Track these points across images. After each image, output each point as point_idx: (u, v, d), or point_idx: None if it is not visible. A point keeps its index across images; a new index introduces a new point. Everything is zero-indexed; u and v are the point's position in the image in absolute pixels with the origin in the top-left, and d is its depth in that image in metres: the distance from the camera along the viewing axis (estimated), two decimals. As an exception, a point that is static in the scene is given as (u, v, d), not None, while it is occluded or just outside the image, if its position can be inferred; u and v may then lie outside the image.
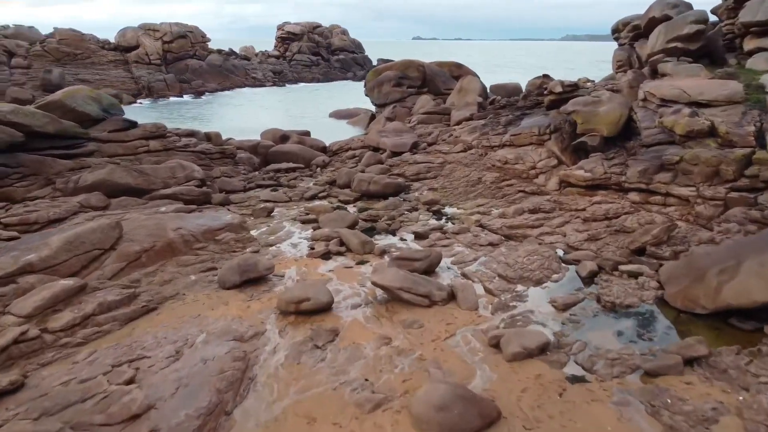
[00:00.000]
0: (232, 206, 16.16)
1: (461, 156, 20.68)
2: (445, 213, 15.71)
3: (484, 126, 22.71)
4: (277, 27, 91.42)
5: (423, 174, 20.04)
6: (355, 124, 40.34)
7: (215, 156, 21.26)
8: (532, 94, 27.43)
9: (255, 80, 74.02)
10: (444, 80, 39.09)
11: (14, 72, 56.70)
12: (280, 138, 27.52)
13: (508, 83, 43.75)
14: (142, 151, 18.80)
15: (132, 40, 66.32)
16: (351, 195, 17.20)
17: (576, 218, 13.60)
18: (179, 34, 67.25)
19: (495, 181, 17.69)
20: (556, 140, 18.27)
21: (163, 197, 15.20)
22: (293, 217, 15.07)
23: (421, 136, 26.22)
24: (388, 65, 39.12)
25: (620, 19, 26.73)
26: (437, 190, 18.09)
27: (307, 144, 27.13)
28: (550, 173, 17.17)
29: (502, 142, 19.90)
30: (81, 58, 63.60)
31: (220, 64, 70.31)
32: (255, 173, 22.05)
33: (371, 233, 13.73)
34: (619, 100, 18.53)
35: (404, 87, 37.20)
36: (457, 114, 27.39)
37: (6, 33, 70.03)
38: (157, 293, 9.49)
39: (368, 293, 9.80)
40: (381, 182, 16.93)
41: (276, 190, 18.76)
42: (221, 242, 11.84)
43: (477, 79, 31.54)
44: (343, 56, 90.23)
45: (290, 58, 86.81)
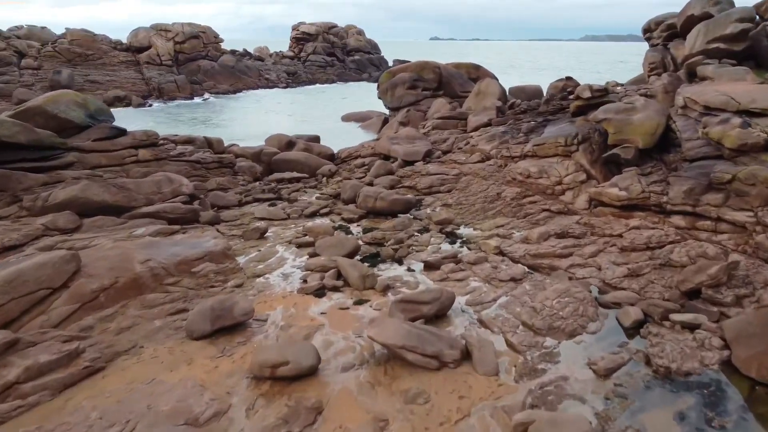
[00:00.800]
0: (223, 225, 14.51)
1: (478, 167, 18.86)
2: (459, 235, 13.92)
3: (504, 134, 20.87)
4: (292, 27, 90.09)
5: (436, 187, 18.25)
6: (367, 128, 38.66)
7: (212, 166, 19.67)
8: (555, 98, 25.50)
9: (268, 81, 72.66)
10: (461, 82, 37.27)
11: (24, 73, 55.88)
12: (285, 144, 25.89)
13: (528, 85, 41.78)
14: (130, 162, 17.25)
15: (144, 40, 65.29)
16: (355, 212, 15.48)
17: (611, 246, 11.74)
18: (191, 34, 66.06)
19: (516, 198, 15.85)
20: (584, 152, 16.39)
21: (144, 216, 13.59)
22: (289, 240, 13.38)
23: (436, 143, 24.45)
24: (403, 67, 37.36)
25: (652, 18, 24.71)
26: (451, 207, 16.30)
27: (314, 151, 25.48)
28: (579, 189, 15.29)
29: (523, 152, 18.05)
30: (92, 58, 62.66)
31: (233, 65, 69.02)
32: (256, 184, 20.44)
33: (375, 261, 12.00)
34: (655, 108, 16.60)
35: (419, 89, 35.44)
36: (474, 119, 25.59)
37: (18, 33, 69.52)
38: (109, 346, 7.85)
39: (364, 347, 8.07)
40: (388, 198, 15.18)
41: (274, 204, 17.10)
42: (198, 275, 10.18)
43: (496, 82, 29.67)
44: (359, 57, 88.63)
45: (305, 58, 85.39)
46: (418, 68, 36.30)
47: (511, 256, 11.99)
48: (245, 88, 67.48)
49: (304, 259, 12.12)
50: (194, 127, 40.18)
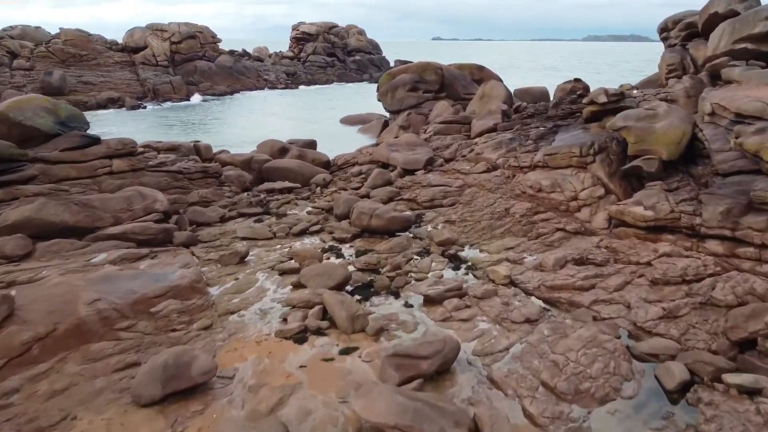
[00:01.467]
0: (200, 246, 12.98)
1: (484, 178, 17.31)
2: (464, 258, 12.38)
3: (511, 141, 19.33)
4: (292, 27, 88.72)
5: (438, 200, 16.71)
6: (366, 132, 37.13)
7: (196, 176, 18.16)
8: (564, 102, 23.96)
9: (267, 82, 71.21)
10: (464, 84, 35.75)
11: (15, 74, 54.50)
12: (278, 151, 24.39)
13: (533, 87, 40.27)
14: (103, 173, 15.75)
15: (140, 40, 63.94)
16: (349, 230, 13.93)
17: (639, 277, 10.18)
18: (188, 34, 64.64)
19: (526, 214, 14.30)
20: (601, 163, 14.83)
21: (109, 238, 12.08)
22: (272, 265, 11.85)
23: (438, 150, 22.93)
24: (403, 68, 35.84)
25: (669, 17, 23.14)
26: (455, 224, 14.75)
27: (308, 158, 23.96)
28: (596, 206, 13.74)
29: (533, 162, 16.51)
30: (87, 59, 61.30)
31: (231, 65, 67.58)
32: (244, 195, 18.93)
33: (368, 293, 10.46)
34: (679, 114, 15.05)
35: (420, 92, 33.93)
36: (478, 124, 24.07)
37: (12, 33, 68.13)
38: (32, 420, 6.34)
39: (349, 419, 6.55)
40: (385, 216, 13.62)
41: (260, 220, 15.57)
42: (158, 316, 8.67)
43: (501, 85, 28.13)
44: (360, 57, 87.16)
45: (304, 59, 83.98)
46: (419, 69, 34.79)
47: (525, 288, 10.45)
48: (243, 89, 66.07)
49: (287, 290, 10.59)
50: (187, 130, 38.72)
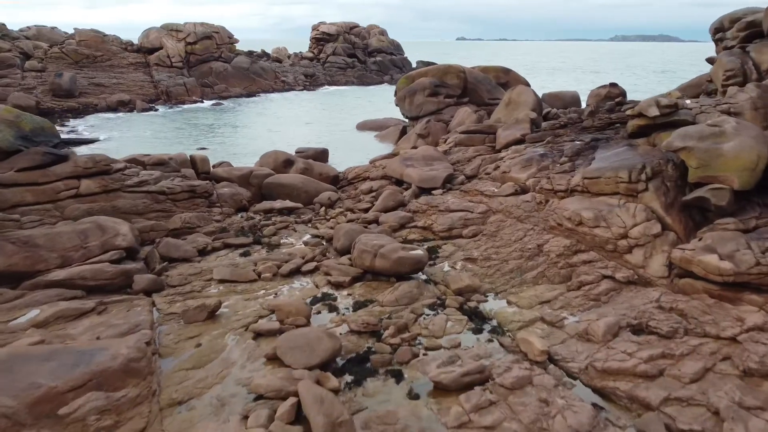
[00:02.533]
0: (164, 294, 10.69)
1: (512, 202, 14.79)
2: (487, 315, 9.92)
3: (543, 157, 16.77)
4: (312, 27, 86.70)
5: (458, 229, 14.25)
6: (383, 139, 34.76)
7: (181, 197, 15.93)
8: (601, 110, 21.31)
9: (284, 84, 69.22)
10: (488, 88, 33.20)
11: (27, 75, 53.14)
12: (282, 164, 22.11)
13: (564, 92, 37.55)
14: (67, 197, 13.58)
15: (155, 41, 62.37)
16: (348, 272, 11.55)
17: (723, 360, 7.63)
18: (204, 34, 62.90)
19: (564, 254, 11.76)
20: (656, 192, 12.22)
21: (51, 285, 9.88)
22: (247, 323, 9.52)
23: (458, 165, 20.51)
24: (423, 71, 33.37)
25: (725, 15, 20.34)
26: (477, 262, 12.27)
27: (314, 172, 21.66)
28: (652, 247, 11.14)
29: (570, 185, 13.95)
30: (101, 60, 59.89)
31: (247, 66, 65.72)
32: (237, 217, 16.69)
33: (361, 372, 8.06)
34: (751, 132, 12.38)
35: (441, 96, 31.46)
36: (504, 134, 21.58)
37: (27, 34, 67.14)
38: None
39: None
40: (392, 257, 11.19)
41: (247, 253, 13.25)
42: (69, 420, 6.40)
43: (530, 90, 25.52)
44: (381, 58, 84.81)
45: (324, 60, 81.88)
46: (440, 73, 32.31)
47: (568, 369, 7.96)
48: (260, 91, 64.11)
49: (258, 363, 8.25)
50: (194, 136, 36.74)
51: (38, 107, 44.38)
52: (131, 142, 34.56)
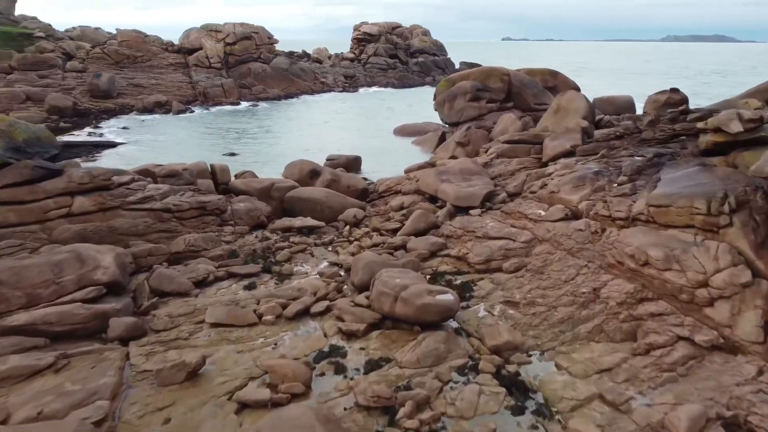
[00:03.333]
0: (144, 342, 9.05)
1: (561, 230, 12.69)
2: (531, 386, 7.94)
3: (597, 175, 14.58)
4: (354, 27, 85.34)
5: (497, 261, 12.26)
6: (421, 146, 32.81)
7: (189, 215, 14.39)
8: (663, 119, 18.95)
9: (324, 85, 67.93)
10: (535, 93, 30.95)
11: (68, 76, 53.18)
12: (308, 174, 20.44)
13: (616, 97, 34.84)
14: (57, 216, 12.16)
15: (195, 41, 61.90)
16: (363, 317, 9.71)
17: None
18: (243, 35, 62.10)
19: (626, 302, 9.66)
20: (743, 228, 9.97)
21: (8, 332, 8.35)
22: (232, 389, 7.78)
23: (500, 178, 18.53)
24: (464, 74, 31.32)
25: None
26: (519, 308, 10.28)
27: (341, 184, 19.91)
28: (741, 300, 8.93)
29: (631, 213, 11.78)
30: (141, 60, 59.69)
31: (286, 67, 64.66)
32: (250, 237, 15.07)
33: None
34: None
35: (483, 101, 29.37)
36: (552, 145, 19.46)
37: (72, 34, 67.71)
38: None
39: None
40: (415, 302, 9.30)
41: (252, 285, 11.56)
42: None
43: (582, 96, 23.19)
44: (423, 59, 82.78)
45: (365, 60, 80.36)
46: (482, 75, 30.21)
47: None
48: (298, 93, 62.93)
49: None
50: (224, 140, 35.53)
51: (75, 108, 44.12)
52: (159, 145, 33.57)
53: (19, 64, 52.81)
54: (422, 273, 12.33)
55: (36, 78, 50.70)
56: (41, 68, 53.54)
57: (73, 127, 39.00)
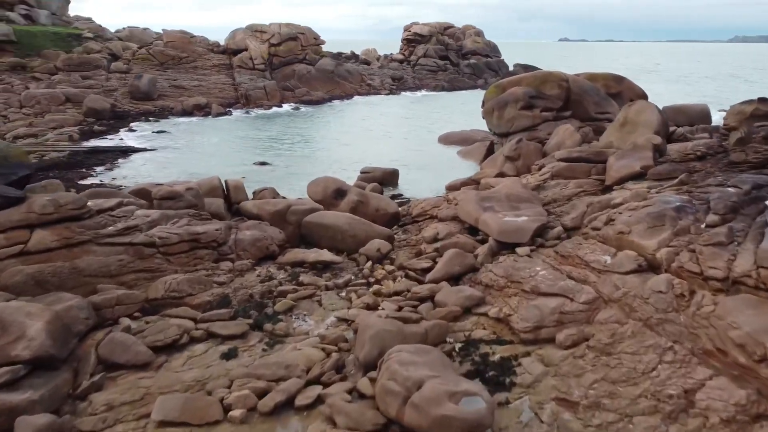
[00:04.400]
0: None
1: (634, 288, 9.74)
2: None
3: (680, 211, 11.48)
4: (404, 28, 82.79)
5: (549, 329, 9.46)
6: (467, 157, 29.99)
7: (177, 249, 12.12)
8: (755, 137, 15.73)
9: (370, 87, 65.66)
10: (596, 101, 27.67)
11: (111, 77, 52.61)
12: (332, 194, 17.96)
13: (689, 105, 31.20)
14: (7, 256, 10.03)
15: (241, 42, 60.65)
16: (362, 422, 7.11)
17: None
18: (288, 35, 60.44)
19: (734, 421, 6.74)
20: None
21: None
22: None
23: (555, 204, 15.80)
24: (516, 78, 28.31)
25: None
26: (577, 410, 7.48)
27: (370, 207, 17.37)
28: None
29: (732, 272, 8.77)
30: (185, 61, 58.84)
31: (332, 69, 62.65)
32: (252, 274, 12.71)
33: None
34: None
35: (537, 110, 26.31)
36: (618, 165, 16.56)
37: (120, 35, 67.64)
38: None
39: None
40: (431, 412, 6.59)
41: (233, 353, 9.11)
42: None
43: (653, 107, 19.95)
44: (475, 60, 79.49)
45: (414, 62, 77.69)
46: (537, 81, 27.13)
47: None
48: (343, 95, 60.84)
49: None
50: (256, 147, 33.54)
51: (113, 110, 43.17)
52: (189, 151, 31.86)
53: (64, 64, 52.57)
54: (451, 340, 9.65)
55: (79, 79, 50.26)
56: (86, 69, 53.16)
57: (107, 130, 37.86)
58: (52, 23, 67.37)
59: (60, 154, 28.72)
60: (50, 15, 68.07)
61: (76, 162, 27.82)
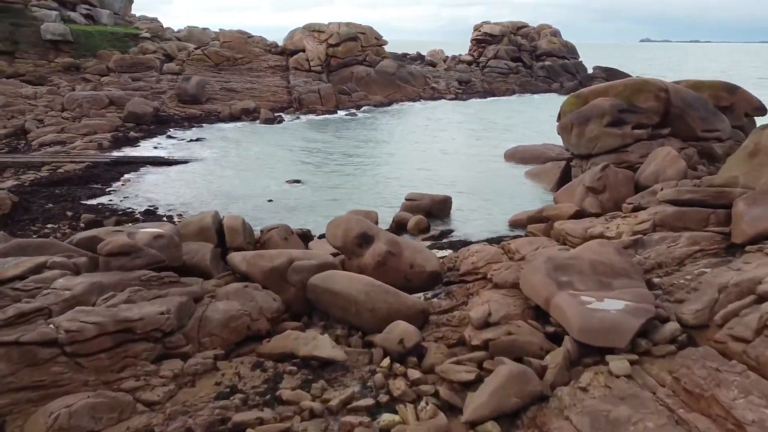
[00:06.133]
0: None
1: None
2: None
3: None
4: (474, 27, 77.70)
5: None
6: (537, 180, 25.11)
7: (94, 347, 8.19)
8: None
9: (434, 91, 61.15)
10: (703, 115, 22.30)
11: (163, 78, 50.52)
12: (355, 241, 13.66)
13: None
14: None
15: (299, 43, 57.54)
16: None
17: None
18: (348, 35, 56.84)
19: None
20: None
21: None
22: None
23: (659, 272, 11.26)
24: (602, 88, 23.25)
25: None
26: None
27: (402, 263, 13.02)
28: None
29: None
30: (241, 62, 56.21)
31: (393, 71, 58.56)
32: (205, 383, 8.67)
33: None
34: None
35: (628, 127, 21.27)
36: (753, 214, 11.90)
37: (179, 35, 66.13)
38: None
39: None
40: None
41: None
42: None
43: (799, 132, 14.66)
44: (550, 62, 73.43)
45: (484, 64, 72.53)
46: (628, 91, 22.00)
47: None
48: (404, 99, 56.65)
49: None
50: (297, 160, 29.78)
51: (156, 114, 40.70)
52: (223, 164, 28.49)
53: (116, 65, 50.92)
54: None
55: (129, 81, 48.37)
56: (138, 70, 51.37)
57: (143, 136, 35.18)
58: (114, 23, 66.59)
59: (77, 165, 25.88)
60: (112, 15, 67.31)
61: (91, 175, 24.90)
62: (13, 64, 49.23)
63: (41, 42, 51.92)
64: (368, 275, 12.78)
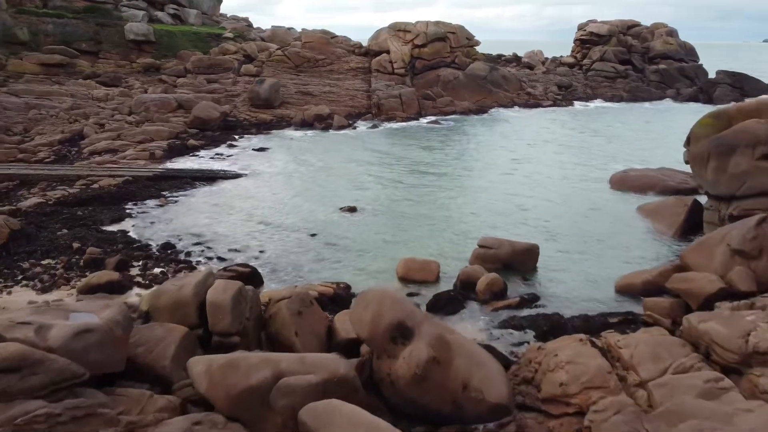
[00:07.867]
0: None
1: None
2: None
3: None
4: (578, 27, 70.77)
5: None
6: (654, 219, 19.58)
7: None
8: None
9: (529, 97, 55.28)
10: None
11: (239, 80, 48.26)
12: (387, 334, 9.30)
13: None
14: None
15: (384, 43, 53.71)
16: None
17: None
18: (436, 35, 52.30)
19: None
20: None
21: None
22: None
23: None
24: (754, 105, 17.47)
25: None
26: None
27: (449, 378, 8.64)
28: None
29: None
30: (322, 64, 53.16)
31: (485, 75, 53.30)
32: None
33: None
34: None
35: (791, 161, 15.44)
36: None
37: (263, 35, 64.25)
38: None
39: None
40: None
41: None
42: None
43: None
44: (665, 65, 65.30)
45: (588, 67, 65.64)
46: (793, 111, 16.17)
47: None
48: (496, 105, 51.23)
49: None
50: (361, 180, 25.72)
51: (224, 119, 38.06)
52: (275, 182, 24.94)
53: (194, 66, 49.22)
54: None
55: (204, 83, 46.41)
56: (215, 71, 49.44)
57: (205, 144, 32.42)
58: (202, 23, 65.72)
59: (114, 180, 23.14)
60: (200, 14, 66.45)
61: (126, 193, 22.02)
62: (95, 64, 48.72)
63: (124, 42, 51.23)
64: (400, 389, 8.57)
